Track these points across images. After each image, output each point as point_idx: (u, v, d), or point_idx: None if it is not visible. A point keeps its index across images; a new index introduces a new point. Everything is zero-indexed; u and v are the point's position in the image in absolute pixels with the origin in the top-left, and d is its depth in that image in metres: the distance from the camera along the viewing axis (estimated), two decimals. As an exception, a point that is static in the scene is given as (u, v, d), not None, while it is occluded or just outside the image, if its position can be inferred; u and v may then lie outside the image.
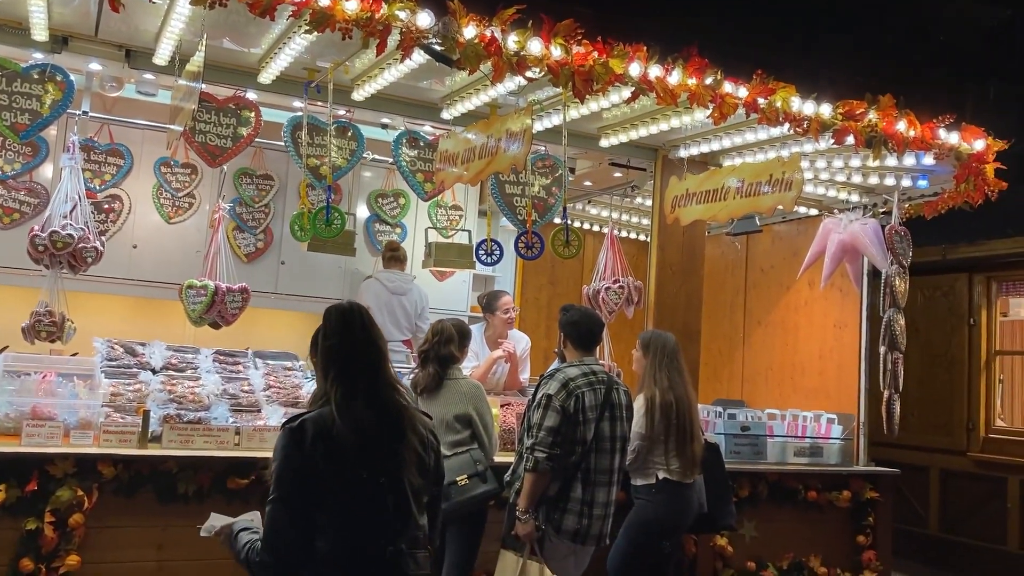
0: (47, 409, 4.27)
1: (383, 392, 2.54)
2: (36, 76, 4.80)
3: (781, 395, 7.15)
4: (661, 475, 4.50)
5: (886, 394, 5.87)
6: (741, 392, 7.62)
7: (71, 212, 4.88)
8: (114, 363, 4.89)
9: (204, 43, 4.28)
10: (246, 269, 6.46)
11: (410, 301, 6.62)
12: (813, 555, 5.81)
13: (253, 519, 2.65)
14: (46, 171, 6.16)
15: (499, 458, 4.40)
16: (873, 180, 6.06)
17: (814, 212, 6.91)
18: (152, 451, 4.23)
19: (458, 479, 4.08)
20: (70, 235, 4.79)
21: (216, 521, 2.69)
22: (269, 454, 2.54)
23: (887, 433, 5.94)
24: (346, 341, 2.56)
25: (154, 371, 4.94)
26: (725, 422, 5.69)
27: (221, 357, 5.28)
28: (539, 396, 4.08)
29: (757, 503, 5.65)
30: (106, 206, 6.33)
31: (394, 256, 6.66)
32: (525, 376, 6.00)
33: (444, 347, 4.31)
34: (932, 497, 8.20)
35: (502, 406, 5.21)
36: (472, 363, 5.60)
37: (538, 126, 5.40)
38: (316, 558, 2.41)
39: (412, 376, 4.47)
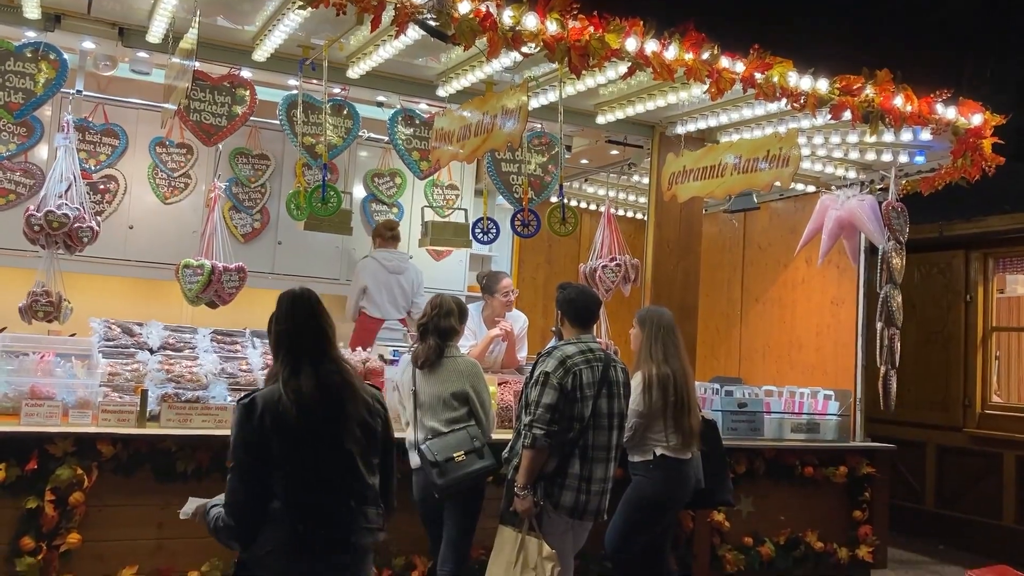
0: (46, 389, 4.27)
1: (326, 370, 2.77)
2: (29, 55, 4.78)
3: (778, 372, 7.18)
4: (659, 451, 4.52)
5: (883, 370, 5.90)
6: (738, 369, 7.65)
7: (66, 192, 4.88)
8: (111, 343, 4.89)
9: (198, 20, 4.25)
10: (243, 249, 6.45)
11: (407, 280, 6.62)
12: (810, 530, 5.85)
13: None
14: (41, 152, 6.14)
15: (496, 435, 4.42)
16: (870, 156, 6.06)
17: (811, 189, 6.91)
18: (151, 430, 4.24)
19: (455, 455, 4.10)
20: (65, 215, 4.79)
21: (191, 505, 2.90)
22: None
23: (884, 409, 5.97)
24: (292, 326, 2.82)
25: (151, 351, 4.94)
26: (722, 399, 5.71)
27: (219, 337, 5.29)
28: (537, 374, 4.08)
29: (754, 479, 5.68)
30: (101, 187, 6.32)
31: (393, 235, 6.66)
32: (522, 355, 6.01)
33: (444, 320, 4.30)
34: (928, 473, 8.24)
35: (499, 384, 5.23)
36: (470, 342, 5.61)
37: (534, 103, 5.38)
38: (272, 517, 2.65)
39: (412, 350, 4.47)
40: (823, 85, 4.88)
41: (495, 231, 6.04)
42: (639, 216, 8.41)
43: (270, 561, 2.66)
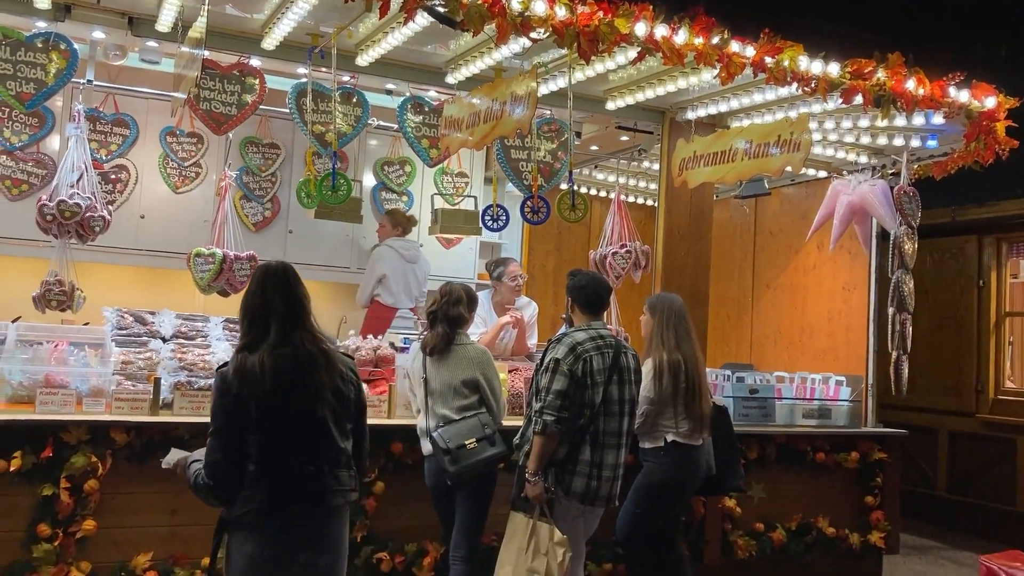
0: (60, 377, 4.30)
1: (297, 338, 2.87)
2: (40, 45, 4.79)
3: (790, 358, 7.16)
4: (670, 438, 4.52)
5: (894, 355, 5.88)
6: (750, 355, 7.64)
7: (78, 181, 4.90)
8: (124, 332, 4.92)
9: (206, 9, 4.26)
10: (254, 238, 6.48)
11: (420, 269, 6.65)
12: (821, 516, 5.85)
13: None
14: (53, 143, 6.17)
15: (507, 422, 4.43)
16: (882, 141, 6.02)
17: (823, 174, 6.88)
18: (164, 418, 4.27)
19: (467, 442, 4.11)
20: (77, 204, 4.81)
21: (174, 456, 3.03)
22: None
23: (895, 394, 5.95)
24: (260, 297, 2.93)
25: (164, 339, 4.97)
26: (734, 385, 5.71)
27: (231, 325, 5.31)
28: (547, 360, 4.09)
29: (765, 465, 5.68)
30: (113, 176, 6.34)
31: (410, 225, 6.69)
32: (532, 342, 6.02)
33: (453, 308, 4.31)
34: (940, 458, 8.22)
35: (510, 371, 5.23)
36: (480, 329, 5.62)
37: (543, 89, 5.37)
38: (249, 481, 2.79)
39: (422, 338, 4.48)
40: (834, 69, 4.84)
41: (505, 218, 6.04)
42: (649, 202, 8.39)
43: (248, 520, 2.80)
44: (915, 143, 5.93)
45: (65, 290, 4.96)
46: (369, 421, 3.14)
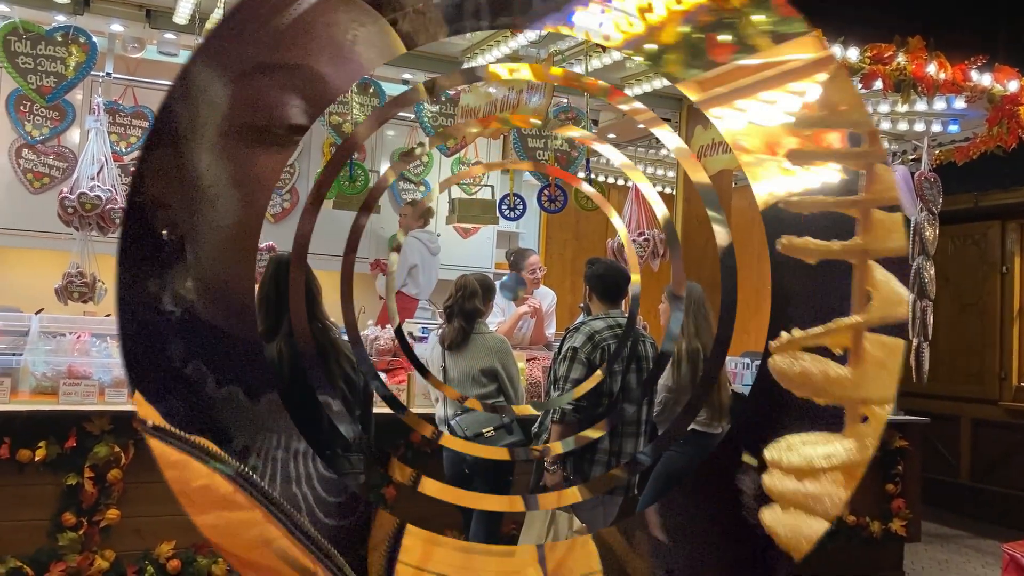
0: (82, 368, 4.35)
1: (312, 328, 2.94)
2: (59, 39, 4.83)
3: (809, 346, 7.11)
4: (689, 426, 4.51)
5: (915, 343, 5.83)
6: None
7: (98, 174, 4.95)
8: (146, 323, 4.96)
9: (223, 0, 4.27)
10: (273, 229, 6.51)
11: (438, 261, 6.66)
12: (842, 504, 5.81)
13: None
14: (73, 136, 6.22)
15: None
16: (903, 126, 5.96)
17: (842, 160, 6.81)
18: (185, 408, 4.30)
19: (485, 431, 4.12)
20: (98, 196, 4.86)
21: None
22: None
23: (917, 382, 5.91)
24: (272, 287, 3.03)
25: (185, 330, 5.00)
26: (753, 374, 5.68)
27: (250, 316, 5.34)
28: (565, 349, 4.08)
29: (785, 453, 5.65)
30: (132, 168, 6.38)
31: (429, 215, 6.71)
32: (551, 331, 6.01)
33: (468, 301, 4.31)
34: (963, 446, 8.16)
35: (528, 360, 5.24)
36: (498, 318, 5.63)
37: (560, 78, 5.35)
38: None
39: (439, 332, 4.50)
40: (853, 54, 4.80)
41: (522, 207, 6.04)
42: (667, 190, 8.34)
43: None
44: (936, 128, 5.87)
45: (87, 282, 5.01)
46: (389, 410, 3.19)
